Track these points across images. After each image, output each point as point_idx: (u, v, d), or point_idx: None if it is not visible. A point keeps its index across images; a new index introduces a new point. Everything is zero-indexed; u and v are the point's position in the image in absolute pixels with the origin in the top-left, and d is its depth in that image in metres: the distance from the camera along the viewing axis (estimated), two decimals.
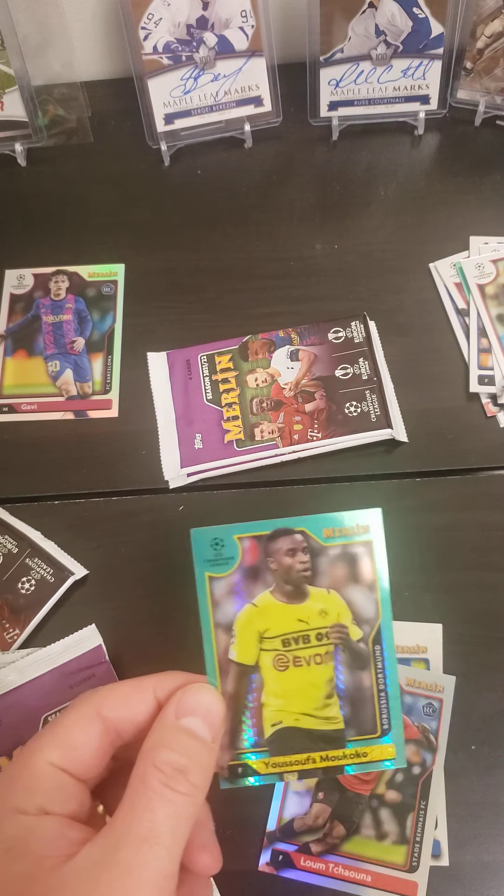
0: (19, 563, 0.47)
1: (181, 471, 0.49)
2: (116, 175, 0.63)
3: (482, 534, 0.48)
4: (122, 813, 0.26)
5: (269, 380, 0.51)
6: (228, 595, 0.32)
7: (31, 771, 0.27)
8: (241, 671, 0.32)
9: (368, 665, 0.32)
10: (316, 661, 0.32)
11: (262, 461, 0.50)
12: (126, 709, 0.29)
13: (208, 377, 0.52)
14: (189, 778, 0.27)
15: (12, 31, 0.57)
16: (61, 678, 0.43)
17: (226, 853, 0.39)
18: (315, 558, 0.32)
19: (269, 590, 0.32)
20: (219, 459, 0.49)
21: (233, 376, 0.52)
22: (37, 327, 0.56)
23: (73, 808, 0.27)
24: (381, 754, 0.32)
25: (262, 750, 0.32)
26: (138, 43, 0.57)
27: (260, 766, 0.32)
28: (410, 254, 0.57)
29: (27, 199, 0.62)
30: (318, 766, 0.32)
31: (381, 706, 0.32)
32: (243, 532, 0.32)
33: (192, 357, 0.53)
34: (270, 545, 0.32)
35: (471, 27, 0.57)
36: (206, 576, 0.33)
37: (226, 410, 0.51)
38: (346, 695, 0.32)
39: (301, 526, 0.32)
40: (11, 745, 0.42)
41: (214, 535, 0.33)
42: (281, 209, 0.60)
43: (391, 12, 0.56)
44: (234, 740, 0.32)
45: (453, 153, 0.62)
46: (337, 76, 0.60)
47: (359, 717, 0.32)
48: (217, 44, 0.58)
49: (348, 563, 0.32)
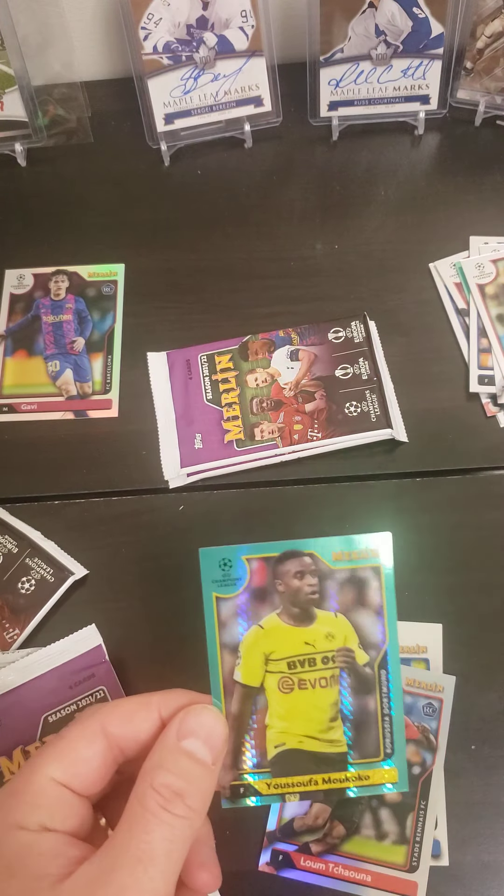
0: (19, 563, 0.47)
1: (181, 471, 0.49)
2: (116, 175, 0.63)
3: (482, 534, 0.48)
4: (120, 833, 0.26)
5: (269, 380, 0.51)
6: (235, 616, 0.32)
7: (33, 786, 0.27)
8: (245, 692, 0.32)
9: (374, 689, 0.32)
10: (321, 685, 0.32)
11: (262, 461, 0.50)
12: (130, 726, 0.29)
13: (208, 377, 0.52)
14: (186, 801, 0.27)
15: (12, 31, 0.57)
16: (61, 678, 0.43)
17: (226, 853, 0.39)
18: (323, 581, 0.32)
19: (276, 612, 0.32)
20: (219, 459, 0.49)
21: (233, 376, 0.52)
22: (37, 327, 0.56)
23: (74, 823, 0.28)
24: (383, 778, 0.32)
25: (264, 771, 0.32)
26: (138, 43, 0.57)
27: (262, 787, 0.32)
28: (410, 254, 0.57)
29: (27, 199, 0.62)
30: (319, 787, 0.32)
31: (385, 730, 0.32)
32: (252, 553, 0.32)
33: (192, 357, 0.53)
34: (279, 567, 0.32)
35: (471, 27, 0.57)
36: (214, 596, 0.32)
37: (226, 410, 0.51)
38: (350, 718, 0.32)
39: (310, 548, 0.32)
40: (11, 744, 0.42)
41: (223, 555, 0.32)
42: (281, 209, 0.60)
43: (391, 12, 0.56)
44: (237, 760, 0.32)
45: (453, 153, 0.62)
46: (337, 76, 0.60)
47: (362, 740, 0.32)
48: (217, 44, 0.58)
49: (356, 587, 0.32)
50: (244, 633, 0.32)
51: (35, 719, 0.42)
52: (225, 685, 0.32)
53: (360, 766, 0.32)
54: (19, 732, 0.42)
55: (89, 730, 0.28)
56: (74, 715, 0.42)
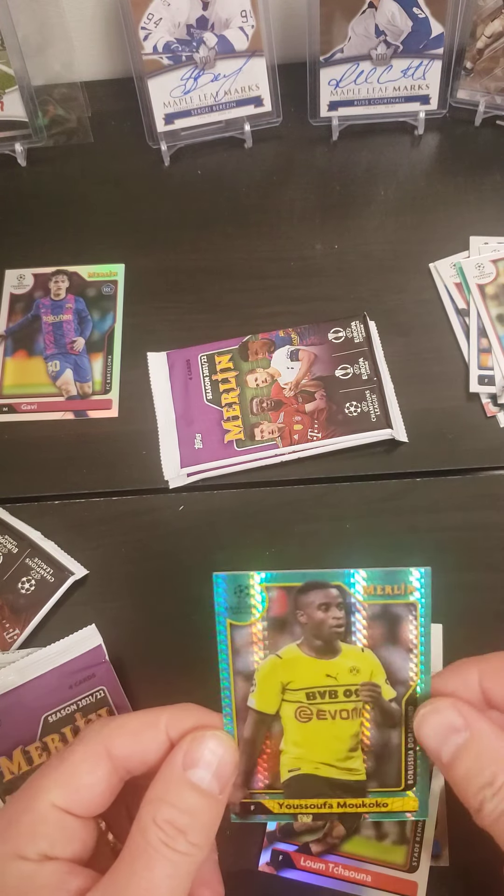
0: (19, 563, 0.47)
1: (181, 471, 0.49)
2: (116, 175, 0.63)
3: (482, 534, 0.48)
4: (122, 866, 0.25)
5: (269, 380, 0.51)
6: (250, 644, 0.30)
7: (33, 814, 0.26)
8: (259, 718, 0.31)
9: (399, 725, 0.31)
10: (342, 716, 0.31)
11: (262, 461, 0.50)
12: (136, 747, 0.28)
13: (208, 377, 0.52)
14: (189, 838, 0.26)
15: (12, 32, 0.57)
16: (61, 678, 0.43)
17: (226, 853, 0.39)
18: (350, 615, 0.30)
19: (297, 642, 0.30)
20: (219, 459, 0.49)
21: (233, 376, 0.52)
22: (37, 327, 0.56)
23: (77, 849, 0.27)
24: (403, 806, 0.31)
25: (276, 792, 0.31)
26: (138, 43, 0.57)
27: (273, 806, 0.31)
28: (410, 254, 0.57)
29: (27, 199, 0.62)
30: (334, 811, 0.31)
31: (408, 763, 0.31)
32: (272, 581, 0.30)
33: (192, 357, 0.53)
34: (301, 598, 0.30)
35: (471, 27, 0.57)
36: (228, 623, 0.30)
37: (226, 410, 0.51)
38: (372, 750, 0.31)
39: (338, 580, 0.30)
40: (11, 745, 0.42)
41: (238, 581, 0.30)
42: (281, 209, 0.60)
43: (391, 12, 0.56)
44: (248, 780, 0.31)
45: (453, 153, 0.62)
46: (337, 76, 0.60)
47: (382, 770, 0.31)
48: (217, 44, 0.58)
49: (388, 623, 0.30)
50: (260, 662, 0.30)
51: (35, 719, 0.42)
52: (238, 710, 0.30)
53: (380, 794, 0.31)
54: (19, 732, 0.42)
55: (93, 752, 0.27)
56: (75, 715, 0.42)
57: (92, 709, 0.42)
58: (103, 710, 0.42)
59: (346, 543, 0.48)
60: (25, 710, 0.42)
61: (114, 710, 0.42)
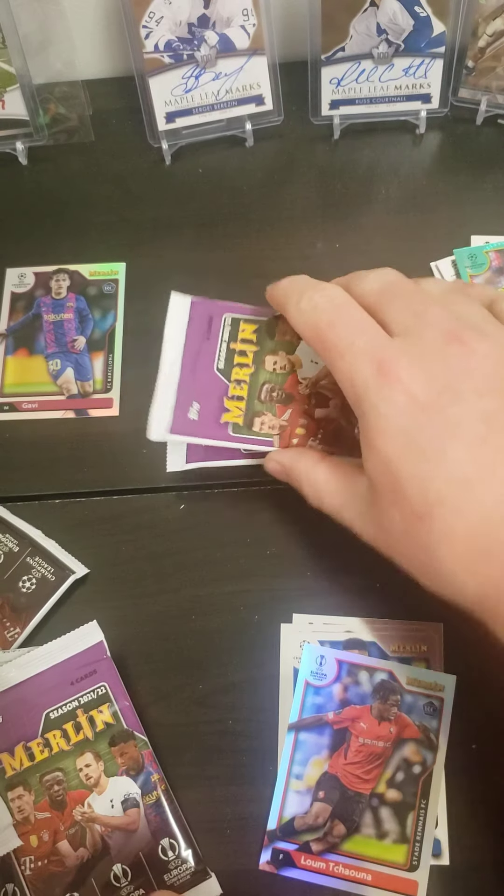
0: (20, 561, 0.47)
1: (169, 436, 0.45)
2: (117, 174, 0.63)
3: None
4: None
5: (288, 367, 0.46)
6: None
7: None
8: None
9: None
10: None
11: (252, 457, 0.46)
12: None
13: (226, 343, 0.47)
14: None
15: (13, 30, 0.57)
16: (63, 674, 0.43)
17: (226, 852, 0.39)
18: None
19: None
20: (210, 438, 0.45)
21: (252, 350, 0.47)
22: (38, 326, 0.56)
23: None
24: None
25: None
26: (139, 41, 0.57)
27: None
28: (412, 253, 0.57)
29: (28, 197, 0.62)
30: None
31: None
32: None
33: (216, 315, 0.47)
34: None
35: (472, 25, 0.57)
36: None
37: (232, 387, 0.46)
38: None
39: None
40: (13, 740, 0.42)
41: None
42: (282, 208, 0.60)
43: (393, 11, 0.56)
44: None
45: (455, 152, 0.62)
46: (338, 75, 0.59)
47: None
48: (218, 42, 0.58)
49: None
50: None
51: (36, 715, 0.42)
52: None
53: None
54: (21, 728, 0.42)
55: None
56: (76, 712, 0.42)
57: (93, 705, 0.43)
58: (105, 706, 0.43)
59: (348, 542, 0.48)
60: (27, 706, 0.42)
61: (115, 707, 0.43)
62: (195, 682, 0.45)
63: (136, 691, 0.44)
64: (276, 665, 0.45)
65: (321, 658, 0.44)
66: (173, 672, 0.45)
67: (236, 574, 0.47)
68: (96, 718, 0.42)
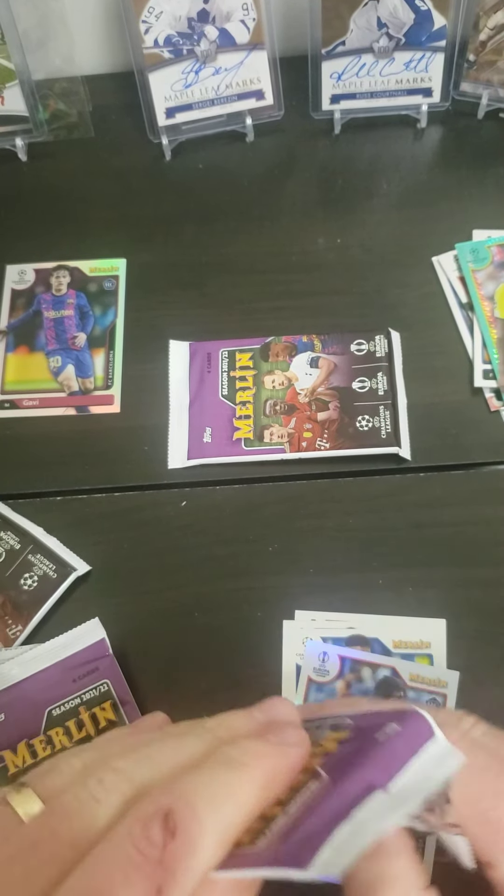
0: (22, 559, 0.47)
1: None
2: (118, 169, 0.63)
3: (486, 529, 0.47)
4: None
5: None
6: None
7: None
8: None
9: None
10: None
11: (255, 455, 0.50)
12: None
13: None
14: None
15: (13, 26, 0.57)
16: (65, 671, 0.43)
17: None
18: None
19: None
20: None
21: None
22: (38, 323, 0.56)
23: None
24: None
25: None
26: (139, 37, 0.57)
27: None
28: (413, 248, 0.57)
29: (28, 194, 0.62)
30: None
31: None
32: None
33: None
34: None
35: (473, 19, 0.57)
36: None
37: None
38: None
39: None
40: (16, 738, 0.42)
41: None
42: (283, 203, 0.60)
43: (393, 4, 0.56)
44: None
45: (456, 146, 0.61)
46: (339, 69, 0.59)
47: None
48: (218, 37, 0.58)
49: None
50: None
51: (39, 713, 0.42)
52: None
53: None
54: (23, 726, 0.42)
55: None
56: (79, 709, 0.42)
57: (96, 702, 0.42)
58: (107, 703, 0.42)
59: (349, 539, 0.48)
60: (29, 703, 0.42)
61: (117, 704, 0.42)
62: (198, 678, 0.45)
63: (139, 688, 0.44)
64: (279, 661, 0.45)
65: (324, 654, 0.44)
66: (176, 669, 0.45)
67: (238, 571, 0.47)
68: (99, 715, 0.42)
